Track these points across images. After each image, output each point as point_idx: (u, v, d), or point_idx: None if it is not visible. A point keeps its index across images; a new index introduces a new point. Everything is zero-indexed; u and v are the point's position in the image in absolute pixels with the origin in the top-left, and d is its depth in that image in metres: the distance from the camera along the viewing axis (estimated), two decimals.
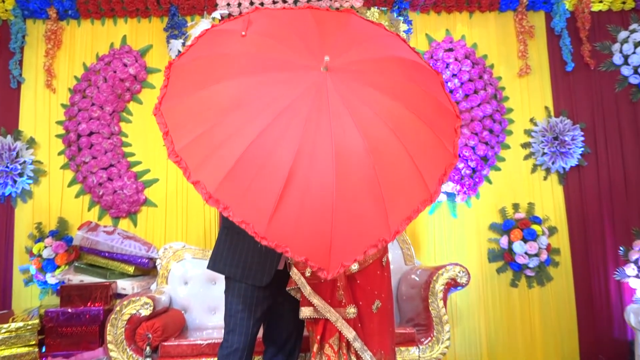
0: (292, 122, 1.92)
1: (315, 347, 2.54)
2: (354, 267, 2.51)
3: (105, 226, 4.16)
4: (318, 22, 2.24)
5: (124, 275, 4.00)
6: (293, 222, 1.83)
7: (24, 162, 4.39)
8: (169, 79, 2.11)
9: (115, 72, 4.48)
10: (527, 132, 4.68)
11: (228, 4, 4.53)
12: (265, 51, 2.11)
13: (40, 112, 4.55)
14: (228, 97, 2.00)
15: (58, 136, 4.51)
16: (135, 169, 4.49)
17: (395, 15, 4.63)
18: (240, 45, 2.12)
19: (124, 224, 4.43)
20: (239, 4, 4.51)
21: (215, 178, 1.84)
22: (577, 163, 4.60)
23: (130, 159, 4.50)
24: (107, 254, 3.97)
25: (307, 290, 2.54)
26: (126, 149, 4.52)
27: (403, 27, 4.60)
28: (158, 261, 3.96)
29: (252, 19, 2.21)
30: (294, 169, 1.85)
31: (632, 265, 4.22)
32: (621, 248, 4.44)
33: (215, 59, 2.12)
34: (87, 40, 4.66)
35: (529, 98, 4.74)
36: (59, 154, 4.50)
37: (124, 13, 4.64)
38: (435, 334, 3.38)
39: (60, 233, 4.30)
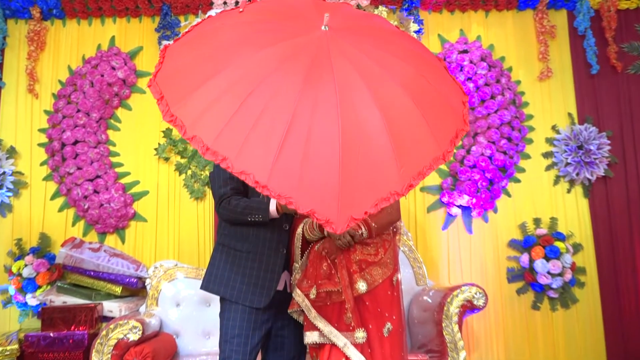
0: (291, 73, 2.01)
1: None
2: (363, 287, 2.50)
3: (90, 243, 4.16)
4: (316, 4, 2.36)
5: (110, 296, 4.00)
6: (296, 172, 1.87)
7: (4, 173, 4.41)
8: (164, 58, 2.20)
9: (102, 75, 4.50)
10: (549, 141, 4.68)
11: (225, 2, 4.55)
12: (263, 18, 2.25)
13: (22, 119, 4.58)
14: (224, 53, 2.10)
15: (40, 145, 4.53)
16: (123, 181, 4.50)
17: (404, 14, 4.65)
18: (237, 18, 2.26)
19: (111, 240, 4.44)
20: (237, 2, 4.53)
21: (212, 131, 1.92)
22: (603, 174, 4.59)
23: (118, 169, 4.51)
24: (92, 273, 3.97)
25: (312, 313, 2.53)
26: (114, 159, 4.53)
27: (413, 27, 4.62)
28: (148, 281, 3.95)
29: (249, 4, 2.36)
30: (295, 118, 1.91)
31: None
32: None
33: (210, 31, 2.25)
34: (73, 42, 4.70)
35: (551, 104, 4.74)
36: (42, 164, 4.51)
37: (113, 12, 4.68)
38: None
39: (42, 250, 4.30)
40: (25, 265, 4.18)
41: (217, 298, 2.78)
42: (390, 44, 2.30)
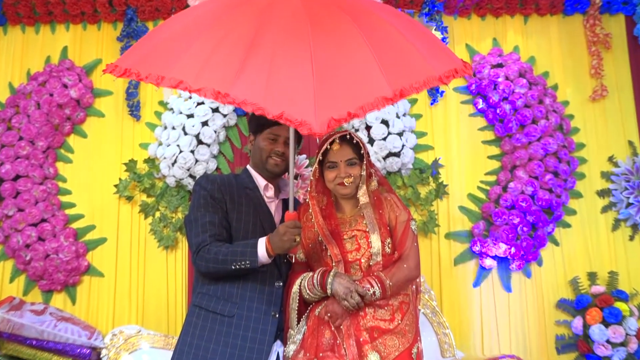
0: (254, 3, 2.41)
1: None
2: None
3: (33, 304, 4.14)
4: None
5: None
6: (263, 80, 2.13)
7: None
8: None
9: (51, 95, 4.54)
10: (605, 176, 4.71)
11: None
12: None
13: None
14: (181, 15, 2.58)
15: None
16: (75, 225, 4.50)
17: (425, 20, 4.71)
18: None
19: (59, 300, 4.41)
20: None
21: (167, 64, 2.24)
22: None
23: (68, 211, 4.52)
24: (34, 342, 3.94)
25: None
26: (64, 198, 4.54)
27: (436, 35, 4.67)
28: (104, 352, 3.93)
29: None
30: (259, 32, 2.25)
31: None
32: None
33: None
34: (16, 54, 4.77)
35: (607, 129, 4.78)
36: None
37: (65, 18, 4.74)
38: None
39: None
40: None
41: None
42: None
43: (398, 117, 4.46)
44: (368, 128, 4.43)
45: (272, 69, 2.14)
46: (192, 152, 4.33)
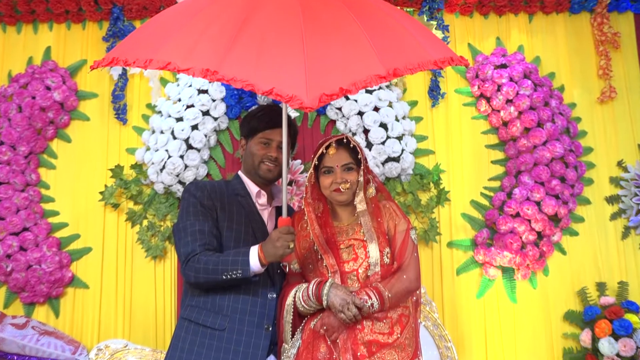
0: None
1: None
2: None
3: (14, 317, 4.12)
4: None
5: None
6: (253, 58, 2.22)
7: None
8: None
9: (34, 98, 4.53)
10: (614, 181, 4.70)
11: None
12: None
13: None
14: (170, 8, 2.72)
15: None
16: (58, 234, 4.48)
17: (425, 18, 4.71)
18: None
19: (42, 313, 4.39)
20: None
21: (155, 48, 2.33)
22: None
23: (52, 219, 4.50)
24: (16, 358, 3.92)
25: None
26: (47, 206, 4.52)
27: (437, 34, 4.67)
28: None
29: None
30: (248, 16, 2.35)
31: None
32: None
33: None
34: None
35: (616, 133, 4.78)
36: None
37: (49, 17, 4.73)
38: None
39: None
40: None
41: None
42: None
43: (397, 120, 4.45)
44: (366, 132, 4.42)
45: (262, 47, 2.24)
46: (182, 157, 4.31)
